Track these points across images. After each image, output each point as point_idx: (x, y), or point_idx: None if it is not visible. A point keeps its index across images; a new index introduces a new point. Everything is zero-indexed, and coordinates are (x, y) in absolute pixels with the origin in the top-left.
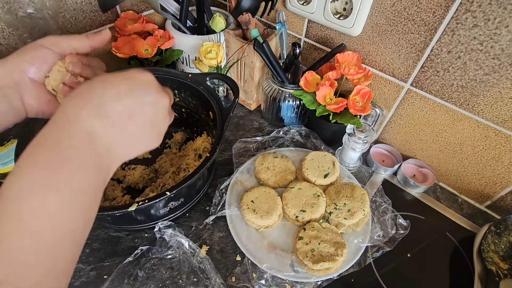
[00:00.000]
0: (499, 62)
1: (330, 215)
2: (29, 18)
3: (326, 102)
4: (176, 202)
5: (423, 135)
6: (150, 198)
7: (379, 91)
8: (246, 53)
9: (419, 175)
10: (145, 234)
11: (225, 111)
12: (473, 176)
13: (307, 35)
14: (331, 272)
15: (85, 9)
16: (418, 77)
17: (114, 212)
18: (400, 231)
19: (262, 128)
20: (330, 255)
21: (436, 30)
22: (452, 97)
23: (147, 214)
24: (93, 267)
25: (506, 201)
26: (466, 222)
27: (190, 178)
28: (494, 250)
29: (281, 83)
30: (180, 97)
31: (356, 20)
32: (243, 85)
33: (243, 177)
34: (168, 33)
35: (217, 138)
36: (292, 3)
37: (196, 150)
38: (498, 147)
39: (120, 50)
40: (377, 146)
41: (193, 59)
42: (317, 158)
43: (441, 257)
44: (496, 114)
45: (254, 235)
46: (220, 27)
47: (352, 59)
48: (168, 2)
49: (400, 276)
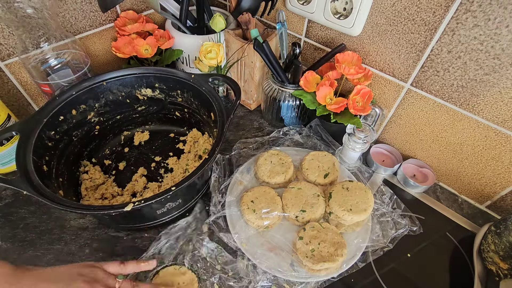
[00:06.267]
0: (499, 62)
1: (330, 215)
2: (29, 18)
3: (326, 102)
4: (173, 203)
5: (423, 135)
6: (146, 199)
7: (379, 91)
8: (246, 53)
9: (419, 175)
10: (145, 234)
11: (226, 113)
12: (473, 176)
13: (307, 35)
14: (331, 272)
15: (85, 9)
16: (418, 77)
17: (110, 212)
18: (400, 230)
19: (262, 128)
20: (330, 255)
21: (436, 30)
22: (452, 97)
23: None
24: None
25: (506, 201)
26: (466, 222)
27: (186, 181)
28: (494, 250)
29: (281, 83)
30: (182, 97)
31: (356, 20)
32: (243, 85)
33: (243, 177)
34: (168, 33)
35: (217, 140)
36: (292, 3)
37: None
38: (498, 147)
39: (120, 50)
40: (377, 146)
41: (193, 59)
42: (317, 158)
43: (441, 257)
44: (496, 114)
45: (254, 235)
46: (220, 27)
47: (352, 59)
48: (168, 2)
49: (400, 276)
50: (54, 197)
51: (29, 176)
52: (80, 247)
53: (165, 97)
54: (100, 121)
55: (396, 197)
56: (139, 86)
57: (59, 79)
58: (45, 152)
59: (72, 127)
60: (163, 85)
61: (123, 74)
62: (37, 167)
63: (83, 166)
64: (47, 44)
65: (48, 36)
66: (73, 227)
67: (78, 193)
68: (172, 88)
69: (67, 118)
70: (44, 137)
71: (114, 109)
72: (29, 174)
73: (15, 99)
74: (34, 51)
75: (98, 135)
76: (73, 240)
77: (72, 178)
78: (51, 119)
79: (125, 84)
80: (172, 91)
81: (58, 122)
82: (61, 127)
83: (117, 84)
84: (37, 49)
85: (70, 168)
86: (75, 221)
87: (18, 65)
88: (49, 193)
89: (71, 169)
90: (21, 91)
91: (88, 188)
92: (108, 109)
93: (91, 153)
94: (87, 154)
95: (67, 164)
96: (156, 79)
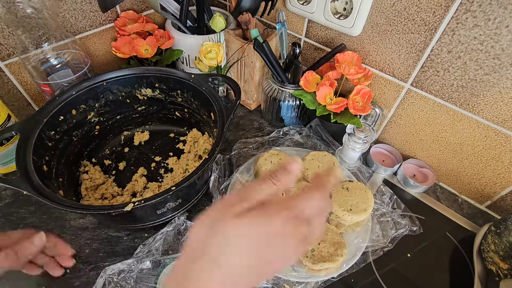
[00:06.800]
0: (500, 62)
1: (330, 215)
2: (29, 18)
3: (326, 102)
4: (173, 203)
5: (423, 135)
6: (146, 199)
7: (379, 91)
8: (246, 53)
9: (419, 175)
10: (145, 234)
11: (226, 113)
12: (473, 176)
13: (307, 35)
14: (331, 272)
15: (85, 9)
16: (418, 77)
17: (110, 212)
18: (400, 230)
19: (262, 128)
20: (330, 255)
21: (436, 30)
22: (452, 97)
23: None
24: (93, 267)
25: (506, 201)
26: (466, 222)
27: (186, 181)
28: (494, 250)
29: (281, 83)
30: (182, 97)
31: (356, 20)
32: (243, 85)
33: (243, 177)
34: (168, 33)
35: (217, 140)
36: (292, 3)
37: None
38: (498, 147)
39: (120, 50)
40: (377, 146)
41: (193, 59)
42: (317, 158)
43: (441, 257)
44: (496, 114)
45: None
46: (220, 27)
47: (352, 59)
48: (168, 2)
49: (400, 276)
50: (54, 197)
51: (29, 176)
52: (80, 247)
53: (165, 97)
54: (100, 121)
55: (396, 197)
56: (139, 86)
57: (59, 79)
58: (45, 152)
59: (72, 127)
60: (163, 85)
61: (123, 74)
62: (37, 167)
63: (83, 166)
64: (47, 44)
65: (48, 36)
66: (73, 227)
67: (78, 193)
68: (172, 88)
69: (67, 118)
70: (44, 137)
71: (114, 109)
72: (29, 174)
73: (15, 99)
74: (34, 51)
75: (98, 135)
76: (73, 240)
77: (72, 178)
78: (51, 119)
79: (125, 84)
80: (172, 91)
81: (58, 122)
82: (61, 127)
83: (117, 84)
84: (37, 49)
85: (70, 168)
86: (75, 221)
87: (18, 65)
88: (49, 193)
89: (71, 169)
90: (21, 91)
91: (88, 188)
92: (108, 109)
93: (91, 153)
94: (87, 154)
95: (67, 164)
96: (156, 79)
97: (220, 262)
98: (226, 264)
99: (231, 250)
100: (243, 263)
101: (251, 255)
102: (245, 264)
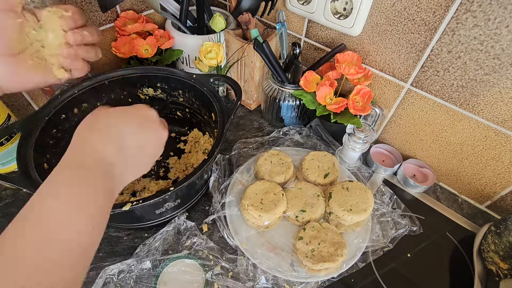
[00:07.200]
0: (500, 62)
1: (330, 215)
2: None
3: (326, 102)
4: (172, 203)
5: (423, 135)
6: (144, 198)
7: (379, 91)
8: (246, 53)
9: (419, 175)
10: (145, 234)
11: (227, 113)
12: (473, 176)
13: (307, 35)
14: (331, 272)
15: (85, 9)
16: (418, 77)
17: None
18: (400, 230)
19: (262, 128)
20: (330, 255)
21: (436, 30)
22: (452, 97)
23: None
24: (93, 267)
25: (506, 201)
26: (466, 222)
27: (185, 181)
28: (494, 250)
29: (281, 83)
30: (184, 97)
31: (356, 20)
32: (243, 85)
33: (243, 177)
34: (168, 33)
35: (217, 140)
36: (292, 3)
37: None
38: (498, 147)
39: (120, 50)
40: (377, 146)
41: (193, 59)
42: (317, 158)
43: (441, 257)
44: (496, 114)
45: (254, 235)
46: (220, 27)
47: (352, 59)
48: (168, 2)
49: (400, 276)
50: None
51: (30, 174)
52: None
53: (166, 97)
54: None
55: (396, 197)
56: (141, 85)
57: None
58: (46, 150)
59: (74, 125)
60: (165, 85)
61: (126, 73)
62: (38, 165)
63: None
64: None
65: None
66: None
67: None
68: (173, 88)
69: (68, 116)
70: (46, 135)
71: None
72: (29, 172)
73: (15, 99)
74: None
75: None
76: None
77: None
78: (52, 117)
79: (127, 83)
80: (173, 91)
81: (60, 120)
82: (63, 125)
83: (119, 83)
84: None
85: None
86: None
87: None
88: None
89: None
90: (21, 91)
91: None
92: None
93: None
94: None
95: None
96: (158, 79)
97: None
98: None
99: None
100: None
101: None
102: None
